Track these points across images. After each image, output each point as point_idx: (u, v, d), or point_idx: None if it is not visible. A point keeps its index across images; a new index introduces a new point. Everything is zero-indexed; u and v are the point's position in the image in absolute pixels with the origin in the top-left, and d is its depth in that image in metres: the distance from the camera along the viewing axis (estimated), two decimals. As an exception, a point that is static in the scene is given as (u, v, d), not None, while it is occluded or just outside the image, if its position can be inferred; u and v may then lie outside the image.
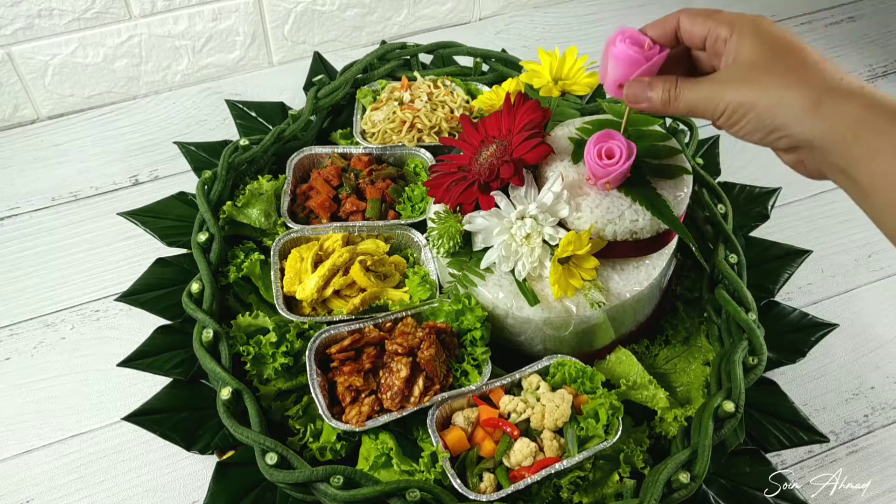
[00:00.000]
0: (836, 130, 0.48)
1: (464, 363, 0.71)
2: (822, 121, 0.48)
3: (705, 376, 0.74)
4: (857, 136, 0.47)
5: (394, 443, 0.66)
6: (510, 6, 1.25)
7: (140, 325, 0.81)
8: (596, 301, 0.67)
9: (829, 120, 0.48)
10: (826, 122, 0.48)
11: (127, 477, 0.71)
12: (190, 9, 1.04)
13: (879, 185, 0.47)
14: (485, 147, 0.71)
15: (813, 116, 0.48)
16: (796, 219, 0.96)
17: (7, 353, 0.80)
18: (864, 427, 0.76)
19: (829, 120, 0.48)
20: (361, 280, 0.76)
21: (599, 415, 0.66)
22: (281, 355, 0.70)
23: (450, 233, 0.70)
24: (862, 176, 0.47)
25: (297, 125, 0.91)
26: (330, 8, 1.12)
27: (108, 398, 0.77)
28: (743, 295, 0.75)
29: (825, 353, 0.82)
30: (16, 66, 1.00)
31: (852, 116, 0.47)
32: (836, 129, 0.48)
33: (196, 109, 1.07)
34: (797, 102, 0.49)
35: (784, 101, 0.50)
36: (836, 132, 0.48)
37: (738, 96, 0.52)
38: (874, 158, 0.46)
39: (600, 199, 0.68)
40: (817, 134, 0.49)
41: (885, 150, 0.46)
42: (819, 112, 0.48)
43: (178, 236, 0.84)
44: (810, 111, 0.49)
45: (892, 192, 0.46)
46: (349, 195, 0.84)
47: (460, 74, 1.02)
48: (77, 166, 0.99)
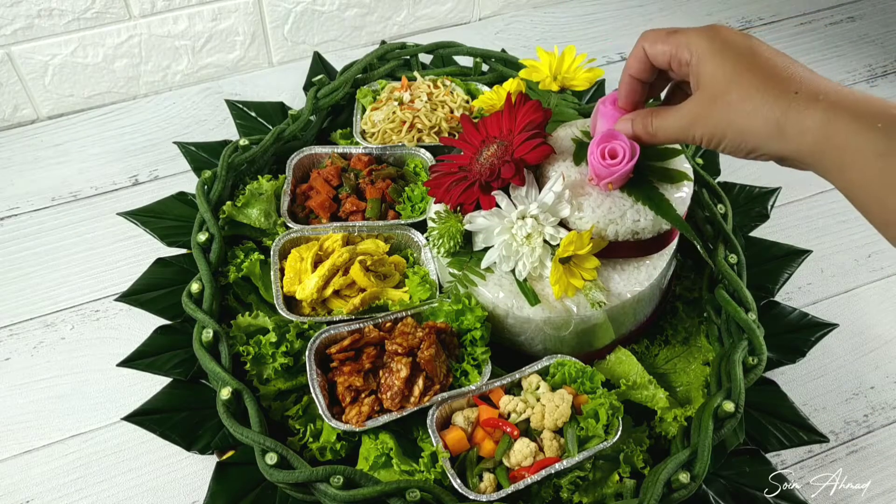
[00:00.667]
0: (802, 150, 0.49)
1: (464, 363, 0.71)
2: (787, 143, 0.49)
3: (705, 376, 0.74)
4: (823, 154, 0.48)
5: (394, 443, 0.66)
6: (510, 6, 1.25)
7: (140, 325, 0.81)
8: (596, 301, 0.67)
9: (794, 141, 0.49)
10: (792, 143, 0.49)
11: (127, 477, 0.71)
12: (190, 9, 1.04)
13: (856, 194, 0.48)
14: (485, 147, 0.71)
15: (779, 139, 0.50)
16: (796, 219, 0.96)
17: (7, 353, 0.80)
18: (864, 427, 0.76)
19: (794, 141, 0.49)
20: (361, 280, 0.76)
21: (599, 415, 0.66)
22: (281, 355, 0.70)
23: (450, 233, 0.70)
24: (838, 184, 0.49)
25: (296, 125, 0.91)
26: (330, 8, 1.12)
27: (108, 398, 0.77)
28: (743, 295, 0.75)
29: (825, 353, 0.82)
30: (16, 66, 1.00)
31: (814, 134, 0.48)
32: (801, 149, 0.49)
33: (196, 109, 1.07)
34: (762, 128, 0.50)
35: (750, 129, 0.51)
36: (802, 152, 0.49)
37: (706, 129, 0.54)
38: (843, 172, 0.48)
39: (602, 198, 0.68)
40: (788, 153, 0.50)
41: (852, 165, 0.47)
42: (784, 135, 0.49)
43: (178, 236, 0.84)
44: (776, 135, 0.50)
45: (868, 196, 0.47)
46: (349, 195, 0.84)
47: (460, 74, 1.02)
48: (77, 166, 0.99)
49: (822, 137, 0.48)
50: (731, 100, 0.51)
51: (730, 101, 0.52)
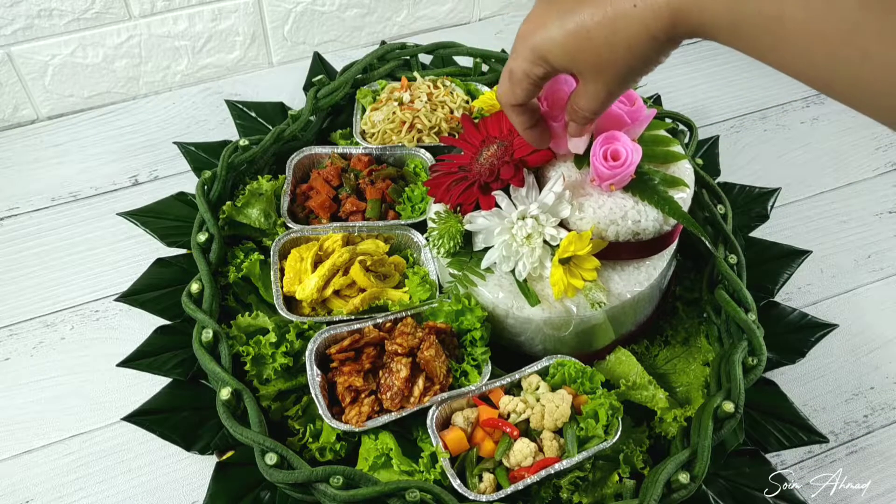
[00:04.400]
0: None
1: (464, 363, 0.71)
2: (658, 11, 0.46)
3: (705, 377, 0.74)
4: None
5: (394, 443, 0.66)
6: (510, 6, 1.25)
7: (140, 325, 0.81)
8: (596, 301, 0.67)
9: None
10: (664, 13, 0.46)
11: (127, 477, 0.71)
12: (190, 9, 1.04)
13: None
14: (486, 147, 0.71)
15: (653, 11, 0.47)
16: (796, 219, 0.96)
17: (7, 353, 0.80)
18: (864, 427, 0.76)
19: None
20: (361, 280, 0.76)
21: (599, 415, 0.66)
22: (281, 355, 0.70)
23: (450, 233, 0.70)
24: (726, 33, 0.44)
25: (296, 125, 0.91)
26: (330, 8, 1.12)
27: (108, 398, 0.77)
28: (742, 295, 0.75)
29: (825, 354, 0.82)
30: (16, 67, 1.00)
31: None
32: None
33: (196, 109, 1.07)
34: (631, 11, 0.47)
35: (624, 17, 0.48)
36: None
37: (609, 75, 0.51)
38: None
39: (604, 199, 0.68)
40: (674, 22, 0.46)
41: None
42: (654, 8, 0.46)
43: (178, 236, 0.84)
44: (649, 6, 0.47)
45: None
46: (349, 195, 0.84)
47: (460, 75, 1.02)
48: (77, 166, 0.99)
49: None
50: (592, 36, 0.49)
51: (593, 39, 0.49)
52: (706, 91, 1.12)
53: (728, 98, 1.11)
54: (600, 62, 0.50)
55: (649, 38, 0.47)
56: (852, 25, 0.36)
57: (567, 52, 0.51)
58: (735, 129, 1.07)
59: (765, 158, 1.02)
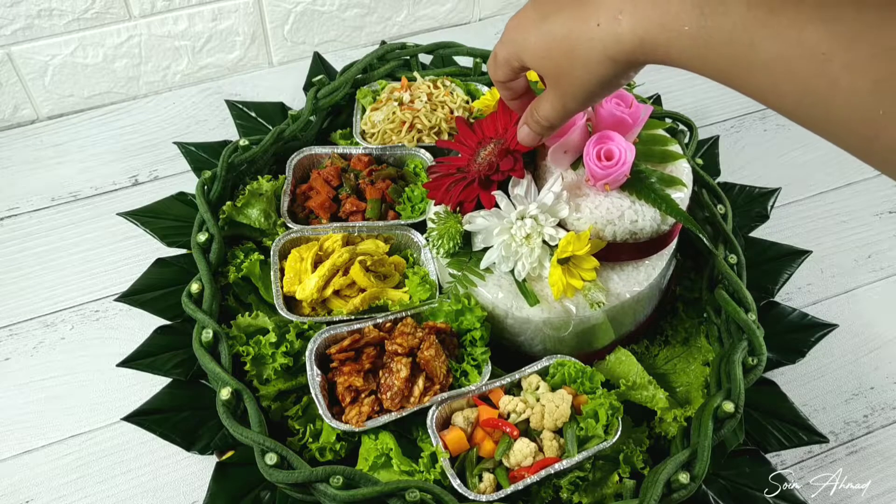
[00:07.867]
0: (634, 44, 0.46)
1: (463, 363, 0.71)
2: (622, 42, 0.47)
3: (705, 376, 0.74)
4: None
5: (394, 443, 0.66)
6: (510, 6, 1.25)
7: (140, 326, 0.81)
8: (596, 301, 0.67)
9: (627, 40, 0.46)
10: (626, 42, 0.46)
11: (127, 477, 0.71)
12: (190, 9, 1.04)
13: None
14: (482, 147, 0.71)
15: (615, 42, 0.47)
16: (796, 219, 0.96)
17: (7, 353, 0.80)
18: (864, 427, 0.76)
19: (627, 40, 0.46)
20: (361, 280, 0.76)
21: (599, 415, 0.66)
22: (281, 355, 0.70)
23: (450, 233, 0.70)
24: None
25: (296, 125, 0.91)
26: (330, 8, 1.12)
27: (108, 398, 0.77)
28: (742, 295, 0.75)
29: (825, 354, 0.82)
30: (16, 66, 1.00)
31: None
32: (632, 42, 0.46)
33: (196, 109, 1.07)
34: (601, 37, 0.47)
35: (589, 48, 0.48)
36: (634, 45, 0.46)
37: (569, 89, 0.52)
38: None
39: (600, 199, 0.68)
40: (627, 54, 0.47)
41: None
42: (619, 38, 0.46)
43: (178, 236, 0.84)
44: (612, 37, 0.47)
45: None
46: (349, 195, 0.84)
47: (460, 75, 1.02)
48: (77, 166, 0.99)
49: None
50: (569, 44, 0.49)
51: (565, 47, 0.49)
52: (706, 91, 1.12)
53: (728, 98, 1.11)
54: (560, 74, 0.51)
55: (606, 58, 0.47)
56: (822, 57, 0.37)
57: (536, 56, 0.52)
58: (735, 129, 1.07)
59: (765, 158, 1.02)
